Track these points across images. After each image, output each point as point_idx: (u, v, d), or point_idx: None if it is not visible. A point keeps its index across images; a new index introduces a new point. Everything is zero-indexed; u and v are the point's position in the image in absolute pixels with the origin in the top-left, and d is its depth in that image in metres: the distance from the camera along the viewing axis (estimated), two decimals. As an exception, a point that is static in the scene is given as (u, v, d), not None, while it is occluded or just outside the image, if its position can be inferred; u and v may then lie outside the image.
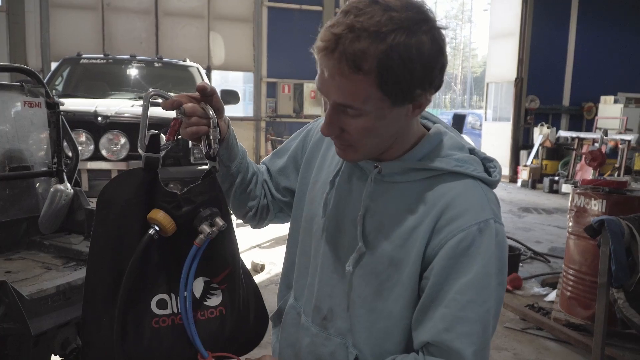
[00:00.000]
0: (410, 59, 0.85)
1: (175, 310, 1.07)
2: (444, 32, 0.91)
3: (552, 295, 4.23)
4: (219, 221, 1.03)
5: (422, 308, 0.95)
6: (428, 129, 1.04)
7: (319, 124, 1.18)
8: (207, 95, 1.06)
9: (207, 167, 1.13)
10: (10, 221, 2.53)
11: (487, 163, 1.04)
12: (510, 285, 4.54)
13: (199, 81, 5.87)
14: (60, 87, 5.55)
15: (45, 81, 5.49)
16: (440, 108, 51.14)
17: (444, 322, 0.91)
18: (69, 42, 9.44)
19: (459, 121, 19.93)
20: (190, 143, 3.51)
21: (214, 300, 1.09)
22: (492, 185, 1.01)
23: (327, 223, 1.09)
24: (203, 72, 6.08)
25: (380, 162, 1.01)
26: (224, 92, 5.93)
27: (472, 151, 1.04)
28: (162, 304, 1.07)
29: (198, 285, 1.08)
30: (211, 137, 1.04)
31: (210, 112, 1.04)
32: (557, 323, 3.64)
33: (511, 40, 12.60)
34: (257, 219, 1.28)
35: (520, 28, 12.31)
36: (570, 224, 3.77)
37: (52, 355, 2.17)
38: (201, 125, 1.03)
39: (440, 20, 0.91)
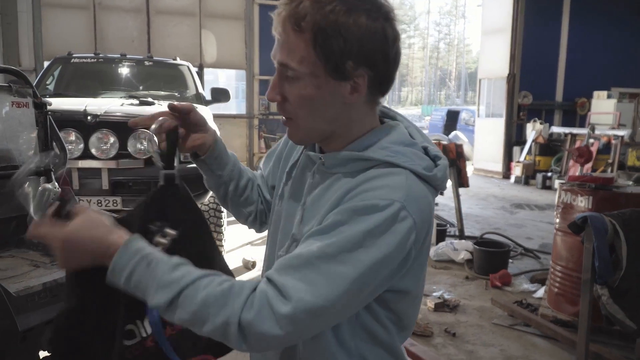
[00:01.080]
0: (346, 28, 0.89)
1: (144, 335, 1.08)
2: (407, 31, 0.98)
3: (540, 292, 4.27)
4: (170, 231, 1.05)
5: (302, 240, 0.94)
6: None
7: None
8: (183, 113, 1.11)
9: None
10: (-1, 220, 2.55)
11: (437, 161, 1.02)
12: (499, 282, 4.58)
13: (189, 79, 5.90)
14: (51, 87, 5.55)
15: (36, 81, 5.52)
16: (435, 104, 51.20)
17: (296, 260, 0.88)
18: (62, 41, 9.41)
19: (452, 117, 20.06)
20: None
21: None
22: (430, 180, 0.98)
23: (284, 213, 1.13)
24: (193, 70, 6.08)
25: (324, 154, 1.04)
26: (214, 90, 5.94)
27: (425, 149, 1.03)
28: (130, 334, 1.07)
29: None
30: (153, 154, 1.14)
31: (153, 138, 1.09)
32: (544, 319, 3.68)
33: (503, 36, 12.65)
34: (258, 223, 1.32)
35: (512, 24, 12.34)
36: (558, 220, 3.81)
37: (41, 351, 2.20)
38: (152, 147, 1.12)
39: (397, 15, 0.95)
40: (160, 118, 1.09)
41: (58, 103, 4.39)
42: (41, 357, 2.23)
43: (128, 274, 0.88)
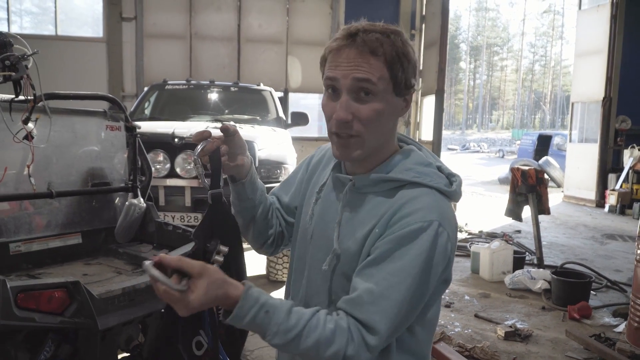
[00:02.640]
0: (405, 55, 1.11)
1: (206, 345, 1.28)
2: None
3: (622, 327, 4.03)
4: (223, 248, 1.18)
5: (360, 273, 1.10)
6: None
7: (320, 149, 1.42)
8: (229, 135, 1.25)
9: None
10: (91, 230, 2.88)
11: (451, 178, 1.19)
12: (578, 314, 4.36)
13: (271, 104, 6.21)
14: (148, 111, 6.07)
15: (134, 106, 6.05)
16: (527, 128, 49.12)
17: (370, 297, 1.05)
18: (161, 69, 10.19)
19: (544, 142, 19.16)
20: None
21: None
22: (451, 195, 1.16)
23: (314, 228, 1.26)
24: (275, 95, 6.39)
25: (354, 175, 1.20)
26: (294, 114, 6.19)
27: (439, 168, 1.20)
28: (198, 345, 1.27)
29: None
30: (198, 174, 1.25)
31: (198, 160, 1.22)
32: (621, 354, 3.47)
33: (599, 57, 12.03)
34: (274, 246, 1.44)
35: (609, 44, 11.72)
36: (639, 251, 3.60)
37: (119, 350, 2.44)
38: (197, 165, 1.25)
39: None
40: (205, 140, 1.21)
41: (152, 126, 4.81)
42: (119, 357, 2.48)
43: (249, 320, 1.01)
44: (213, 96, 6.34)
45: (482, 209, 10.64)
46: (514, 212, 5.98)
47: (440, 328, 4.09)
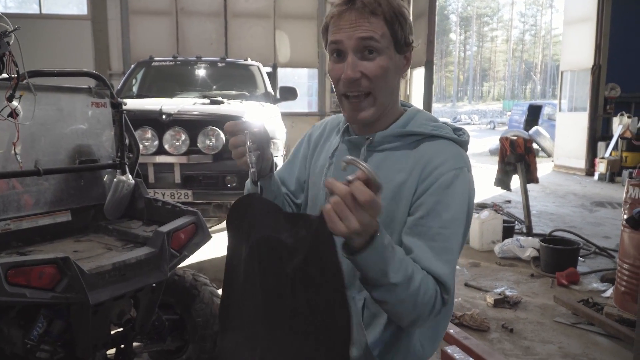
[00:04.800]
0: (402, 14, 1.18)
1: None
2: None
3: (610, 291, 4.11)
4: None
5: (412, 233, 1.14)
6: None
7: (318, 124, 1.48)
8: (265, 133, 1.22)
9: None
10: (80, 208, 2.87)
11: (457, 131, 1.28)
12: (566, 280, 4.44)
13: (259, 79, 6.16)
14: (135, 89, 6.01)
15: (121, 84, 6.00)
16: (518, 99, 49.00)
17: (433, 252, 1.10)
18: (147, 46, 10.07)
19: (534, 112, 19.22)
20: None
21: None
22: (463, 144, 1.25)
23: (328, 192, 1.21)
24: (263, 70, 6.34)
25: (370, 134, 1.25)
26: (282, 88, 6.16)
27: (445, 123, 1.29)
28: None
29: None
30: (249, 163, 1.18)
31: (248, 142, 1.17)
32: (608, 318, 3.55)
33: (588, 25, 11.99)
34: None
35: (598, 12, 11.67)
36: (625, 216, 3.66)
37: (111, 324, 2.47)
38: (240, 156, 1.20)
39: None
40: (245, 131, 1.18)
41: (139, 103, 4.78)
42: (112, 332, 2.51)
43: (382, 248, 0.96)
44: (200, 72, 6.29)
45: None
46: (502, 181, 6.03)
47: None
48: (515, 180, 6.07)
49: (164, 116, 4.30)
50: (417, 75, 11.52)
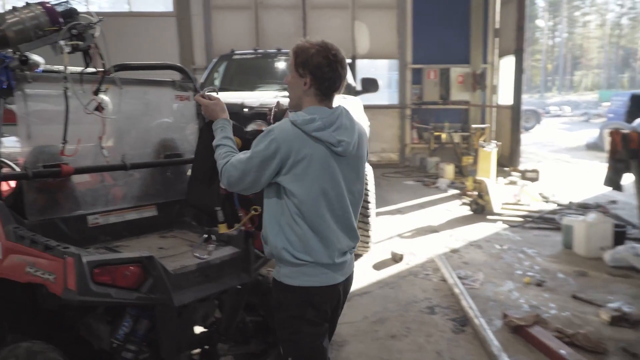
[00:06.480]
0: (297, 56, 1.97)
1: None
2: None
3: None
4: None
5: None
6: None
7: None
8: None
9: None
10: (165, 203, 2.83)
11: (305, 119, 1.86)
12: None
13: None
14: (218, 82, 6.04)
15: (204, 77, 6.04)
16: (615, 89, 45.63)
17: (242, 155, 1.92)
18: (228, 40, 10.20)
19: (638, 103, 17.50)
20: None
21: None
22: (297, 124, 1.83)
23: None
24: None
25: None
26: (364, 80, 5.97)
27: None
28: None
29: None
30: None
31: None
32: None
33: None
34: None
35: None
36: None
37: (195, 326, 2.39)
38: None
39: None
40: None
41: (221, 97, 4.74)
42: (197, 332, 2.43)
43: (219, 127, 2.05)
44: (280, 65, 6.21)
45: (569, 177, 9.90)
46: (613, 180, 5.38)
47: (534, 310, 3.80)
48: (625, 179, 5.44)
49: (245, 109, 4.25)
50: (505, 65, 10.90)
